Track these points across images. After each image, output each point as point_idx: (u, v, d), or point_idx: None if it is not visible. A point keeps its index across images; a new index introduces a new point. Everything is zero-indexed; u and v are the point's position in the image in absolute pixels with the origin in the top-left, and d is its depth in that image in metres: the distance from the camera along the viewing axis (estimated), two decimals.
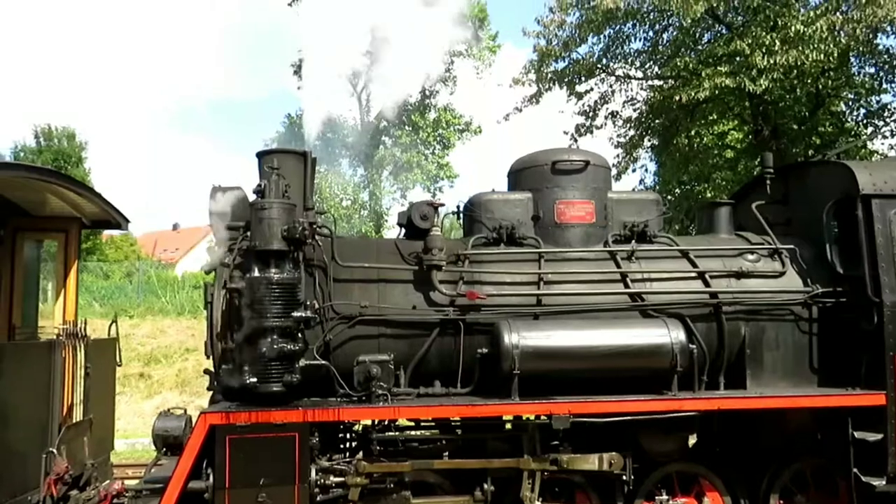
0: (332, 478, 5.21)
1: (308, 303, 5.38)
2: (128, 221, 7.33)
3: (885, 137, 16.27)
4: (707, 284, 5.83)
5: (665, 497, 5.64)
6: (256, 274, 5.18)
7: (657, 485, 5.71)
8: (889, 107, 16.07)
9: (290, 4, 26.65)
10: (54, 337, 6.35)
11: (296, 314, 5.19)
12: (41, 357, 5.90)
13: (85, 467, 6.18)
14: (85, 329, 6.53)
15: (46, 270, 7.52)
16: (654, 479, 5.70)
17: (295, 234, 5.20)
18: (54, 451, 5.65)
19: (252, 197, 5.60)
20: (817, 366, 5.86)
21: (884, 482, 5.38)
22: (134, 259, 34.57)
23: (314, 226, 5.55)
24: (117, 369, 7.36)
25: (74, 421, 6.35)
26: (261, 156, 5.79)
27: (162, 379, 15.73)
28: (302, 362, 5.24)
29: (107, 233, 33.64)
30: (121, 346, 7.23)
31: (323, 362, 5.38)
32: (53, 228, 6.90)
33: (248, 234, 5.41)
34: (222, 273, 5.49)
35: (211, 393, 5.84)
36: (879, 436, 5.38)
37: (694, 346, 5.49)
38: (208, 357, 5.56)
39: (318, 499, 5.14)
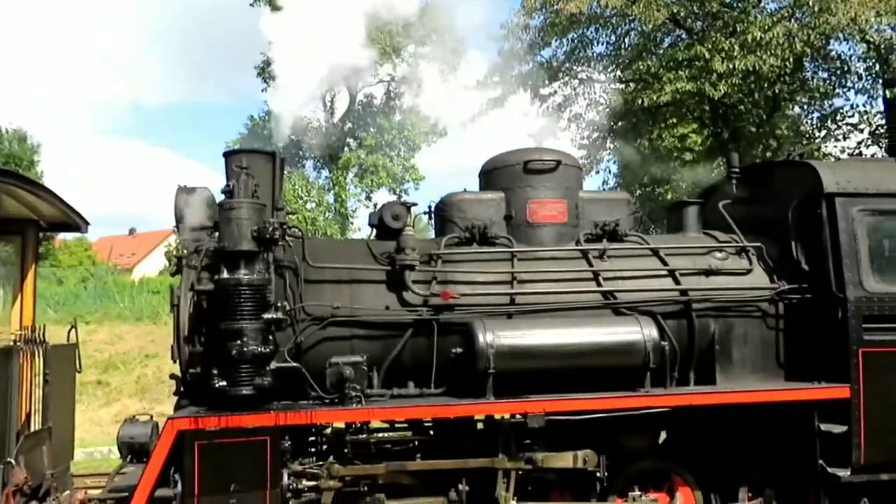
0: (304, 482, 5.11)
1: (279, 304, 5.28)
2: (87, 223, 7.10)
3: (837, 140, 16.81)
4: (677, 282, 5.90)
5: (637, 493, 5.66)
6: (225, 275, 5.06)
7: (630, 481, 5.75)
8: (841, 111, 16.60)
9: (251, 5, 26.33)
10: (11, 343, 6.10)
11: (266, 316, 5.09)
12: None
13: (44, 478, 5.95)
14: (43, 335, 6.30)
15: (1, 275, 7.24)
16: (627, 475, 5.73)
17: (265, 235, 5.10)
18: (12, 461, 5.42)
19: (220, 197, 5.49)
20: (784, 360, 5.98)
21: (848, 473, 5.51)
22: (89, 264, 33.64)
23: (285, 226, 5.45)
24: (76, 376, 7.12)
25: (33, 430, 6.11)
26: (228, 155, 5.68)
27: (120, 386, 15.31)
28: (273, 365, 5.13)
29: (61, 237, 32.74)
30: (80, 352, 7.00)
31: (294, 365, 5.29)
32: (9, 231, 6.64)
33: (216, 234, 5.30)
34: (189, 275, 5.36)
35: (176, 399, 5.69)
36: (844, 428, 5.51)
37: (666, 343, 5.54)
38: (174, 361, 5.41)
39: (290, 503, 5.04)
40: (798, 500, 5.86)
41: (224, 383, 4.94)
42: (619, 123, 17.04)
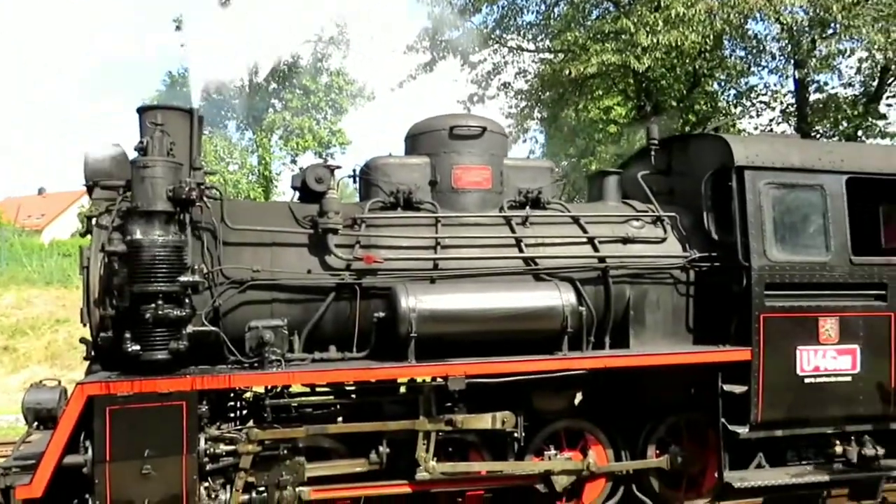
0: (222, 446, 5.06)
1: (195, 267, 5.14)
2: None
3: (751, 117, 17.53)
4: (596, 249, 6.06)
5: (553, 452, 5.87)
6: (138, 236, 4.88)
7: (546, 441, 5.95)
8: (756, 88, 17.29)
9: None
10: None
11: (182, 279, 4.94)
12: None
13: None
14: None
15: None
16: (543, 435, 5.93)
17: (181, 195, 4.93)
18: None
19: (133, 155, 5.26)
20: (693, 325, 6.26)
21: (747, 430, 5.87)
22: None
23: (202, 186, 5.28)
24: None
25: None
26: (142, 111, 5.44)
27: (29, 352, 14.64)
28: (189, 329, 5.01)
29: None
30: None
31: (212, 328, 5.18)
32: None
33: (129, 194, 5.09)
34: (99, 235, 5.14)
35: (87, 364, 5.50)
36: (745, 388, 5.85)
37: (583, 309, 5.70)
38: (85, 325, 5.21)
39: (207, 468, 4.97)
40: (701, 456, 6.22)
41: (137, 347, 4.80)
42: (547, 93, 17.19)
